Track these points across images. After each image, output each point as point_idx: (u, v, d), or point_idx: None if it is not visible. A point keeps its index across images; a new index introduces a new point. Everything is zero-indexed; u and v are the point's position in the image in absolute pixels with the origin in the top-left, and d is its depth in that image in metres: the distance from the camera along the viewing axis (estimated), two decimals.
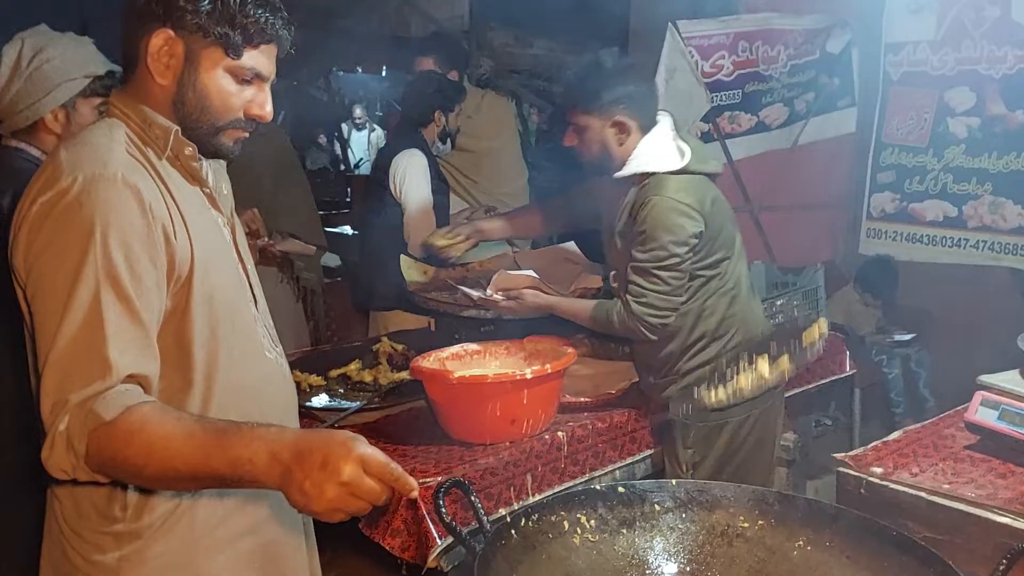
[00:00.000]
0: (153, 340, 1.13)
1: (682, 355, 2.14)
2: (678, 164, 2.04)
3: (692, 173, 2.06)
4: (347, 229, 4.96)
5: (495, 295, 2.29)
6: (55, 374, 1.06)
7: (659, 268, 2.01)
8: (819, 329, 1.64)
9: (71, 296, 1.07)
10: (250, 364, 1.28)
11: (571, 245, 2.76)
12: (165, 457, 1.05)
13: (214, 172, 1.31)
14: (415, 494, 1.09)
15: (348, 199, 6.11)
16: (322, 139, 8.50)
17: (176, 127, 1.21)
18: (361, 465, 1.02)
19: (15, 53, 1.81)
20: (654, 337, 2.06)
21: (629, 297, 2.03)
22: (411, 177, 3.01)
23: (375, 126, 8.36)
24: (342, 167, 7.61)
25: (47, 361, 1.07)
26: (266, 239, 2.85)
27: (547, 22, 4.48)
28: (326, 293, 3.60)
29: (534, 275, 2.39)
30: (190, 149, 1.22)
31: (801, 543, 1.33)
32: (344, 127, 7.47)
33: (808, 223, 3.98)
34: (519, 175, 3.90)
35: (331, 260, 4.27)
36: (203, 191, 1.27)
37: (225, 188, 1.35)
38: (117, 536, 1.20)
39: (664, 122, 2.12)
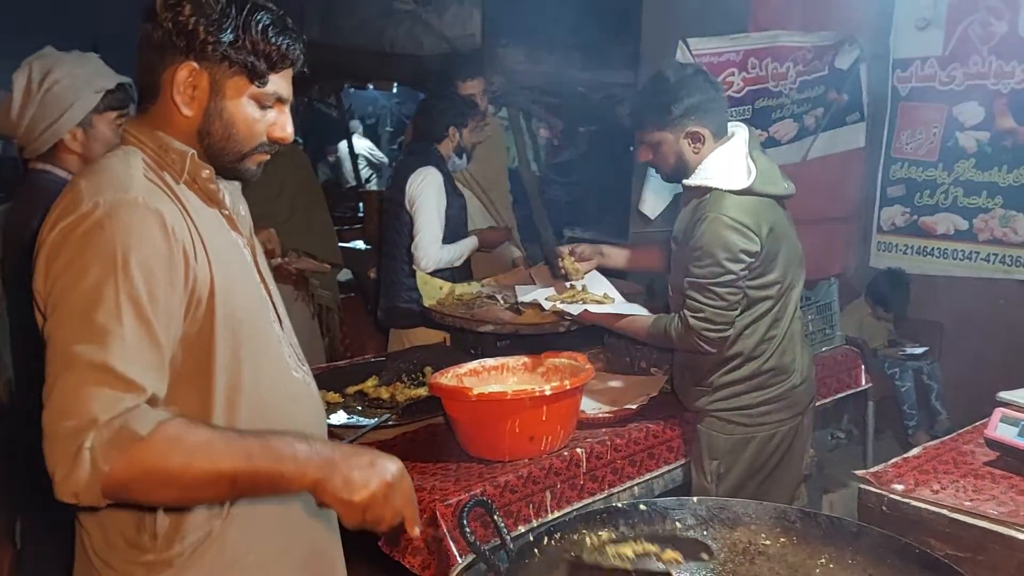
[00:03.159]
0: (167, 363, 1.12)
1: (717, 368, 2.14)
2: (742, 184, 2.04)
3: (757, 195, 2.05)
4: (359, 244, 4.98)
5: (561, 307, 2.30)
6: (74, 394, 1.03)
7: (715, 284, 2.02)
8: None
9: (91, 316, 1.06)
10: (275, 384, 1.27)
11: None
12: (207, 464, 1.06)
13: (231, 194, 1.31)
14: (417, 532, 1.18)
15: (360, 214, 6.14)
16: (332, 154, 8.54)
17: (192, 150, 1.21)
18: (402, 478, 1.14)
19: (24, 79, 1.83)
20: (712, 350, 2.06)
21: (687, 312, 2.04)
22: (425, 195, 3.02)
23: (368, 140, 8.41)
24: (353, 182, 7.64)
25: (61, 381, 1.04)
26: (281, 258, 2.87)
27: (558, 40, 4.50)
28: (340, 309, 3.61)
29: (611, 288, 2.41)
30: (207, 172, 1.22)
31: (823, 561, 1.32)
32: (356, 142, 7.51)
33: (819, 237, 3.97)
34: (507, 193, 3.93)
35: (343, 275, 4.29)
36: (221, 213, 1.26)
37: (243, 209, 1.34)
38: (148, 566, 1.19)
39: (739, 135, 2.12)
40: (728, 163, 2.07)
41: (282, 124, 1.25)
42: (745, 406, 2.13)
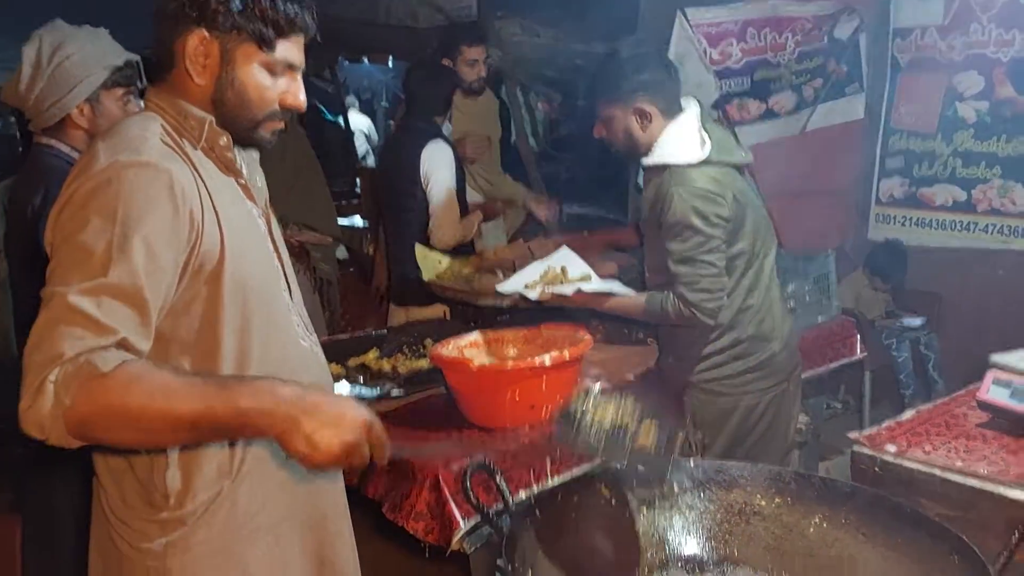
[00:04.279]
0: (152, 322, 1.13)
1: (698, 340, 2.18)
2: (698, 156, 2.07)
3: (714, 164, 2.09)
4: (357, 220, 4.99)
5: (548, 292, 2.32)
6: (50, 330, 1.06)
7: (703, 253, 2.05)
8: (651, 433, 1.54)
9: (81, 262, 1.09)
10: (285, 352, 1.30)
11: (584, 235, 2.78)
12: (165, 405, 1.06)
13: (248, 164, 1.34)
14: (385, 461, 1.19)
15: (357, 190, 6.14)
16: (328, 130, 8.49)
17: (210, 117, 1.23)
18: (368, 430, 1.12)
19: (34, 52, 1.83)
20: (712, 322, 2.09)
21: (682, 288, 2.06)
22: (441, 169, 3.01)
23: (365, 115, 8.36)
24: (349, 157, 7.61)
25: (40, 318, 1.07)
26: (283, 230, 2.88)
27: (555, 11, 4.48)
28: (340, 283, 3.63)
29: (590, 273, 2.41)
30: (224, 139, 1.25)
31: (817, 520, 1.37)
32: (352, 118, 7.48)
33: (817, 209, 3.99)
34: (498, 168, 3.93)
35: (339, 252, 4.30)
36: (237, 182, 1.29)
37: (260, 180, 1.37)
38: (162, 524, 1.23)
39: (690, 110, 2.14)
40: (682, 138, 2.10)
41: (294, 92, 1.27)
42: (727, 375, 2.17)
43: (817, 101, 3.98)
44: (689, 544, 1.43)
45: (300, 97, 1.28)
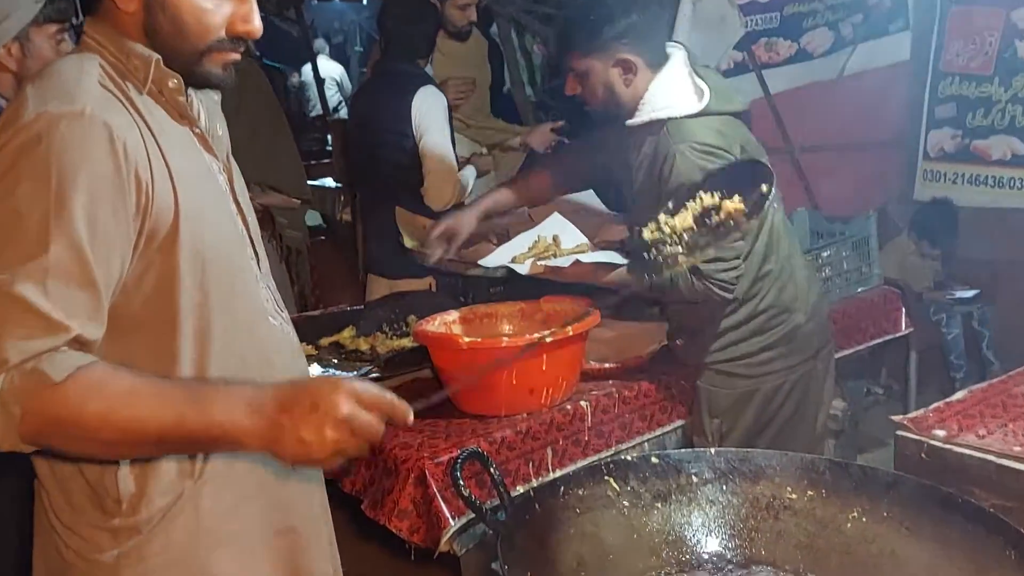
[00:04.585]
0: (104, 303, 1.11)
1: (711, 317, 2.18)
2: (696, 106, 2.04)
3: (714, 114, 2.07)
4: (329, 182, 4.97)
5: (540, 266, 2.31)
6: None
7: None
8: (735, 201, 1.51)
9: (15, 240, 1.05)
10: (252, 332, 1.27)
11: (589, 195, 2.78)
12: (129, 417, 1.06)
13: (207, 111, 1.31)
14: (411, 418, 1.15)
15: (328, 147, 6.11)
16: (294, 78, 8.45)
17: (157, 56, 1.19)
18: (355, 398, 1.08)
19: None
20: (730, 296, 2.07)
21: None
22: (436, 120, 3.01)
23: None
24: (320, 110, 7.58)
25: None
26: None
27: None
28: (310, 253, 3.63)
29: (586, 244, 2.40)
30: (175, 81, 1.21)
31: (855, 514, 1.38)
32: (322, 65, 7.43)
33: (856, 165, 3.99)
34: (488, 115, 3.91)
35: (311, 218, 4.29)
36: (193, 131, 1.26)
37: (220, 129, 1.33)
38: (114, 532, 1.20)
39: (676, 57, 2.11)
40: (674, 88, 2.07)
41: (244, 15, 1.20)
42: (745, 355, 2.18)
43: (857, 40, 3.96)
44: (710, 542, 1.45)
45: (253, 21, 1.22)
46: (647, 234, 1.37)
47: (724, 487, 1.49)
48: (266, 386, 1.11)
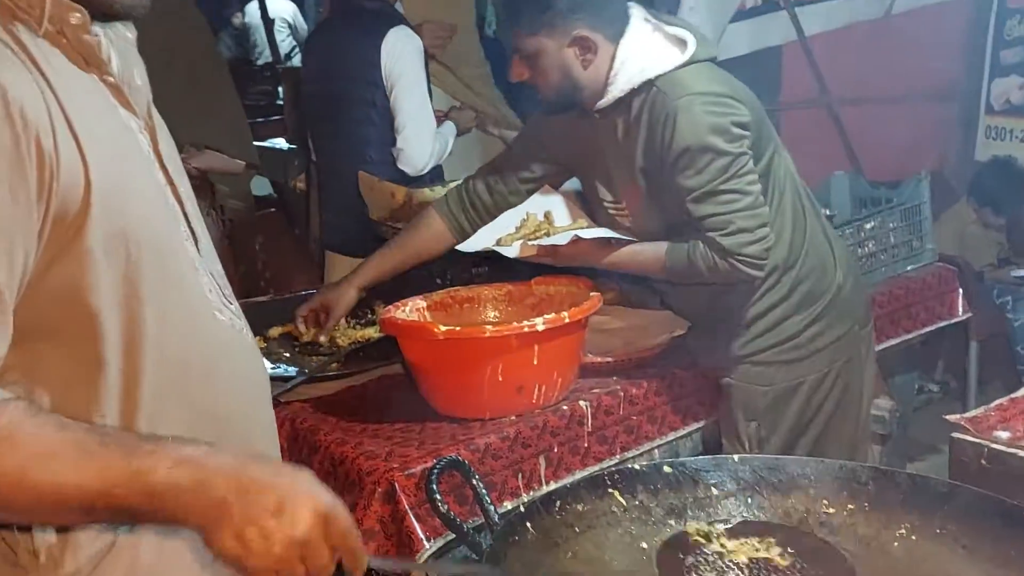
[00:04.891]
0: (9, 308, 1.06)
1: (748, 296, 2.19)
2: (681, 57, 2.06)
3: (704, 61, 2.08)
4: (280, 143, 4.96)
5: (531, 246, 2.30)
6: None
7: (729, 180, 2.03)
8: None
9: None
10: (197, 332, 1.22)
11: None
12: (46, 483, 1.02)
13: (120, 54, 1.26)
14: (360, 574, 1.11)
15: (279, 102, 6.09)
16: (237, 18, 8.40)
17: None
18: (323, 523, 1.05)
19: None
20: (759, 272, 2.09)
21: (712, 234, 2.05)
22: (411, 68, 3.02)
23: None
24: (269, 58, 7.55)
25: None
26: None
27: None
28: (258, 227, 3.63)
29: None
30: (78, 16, 1.14)
31: (904, 531, 1.39)
32: (271, 3, 7.39)
33: (906, 120, 4.00)
34: (480, 60, 3.90)
35: (258, 186, 4.28)
36: (104, 81, 1.20)
37: (139, 76, 1.28)
38: None
39: (636, 14, 2.11)
40: (647, 46, 2.07)
41: None
42: (792, 336, 2.19)
43: None
44: (732, 566, 1.45)
45: None
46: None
47: (749, 500, 1.49)
48: (224, 453, 1.07)
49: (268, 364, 2.29)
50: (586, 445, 2.10)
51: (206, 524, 1.03)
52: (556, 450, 2.05)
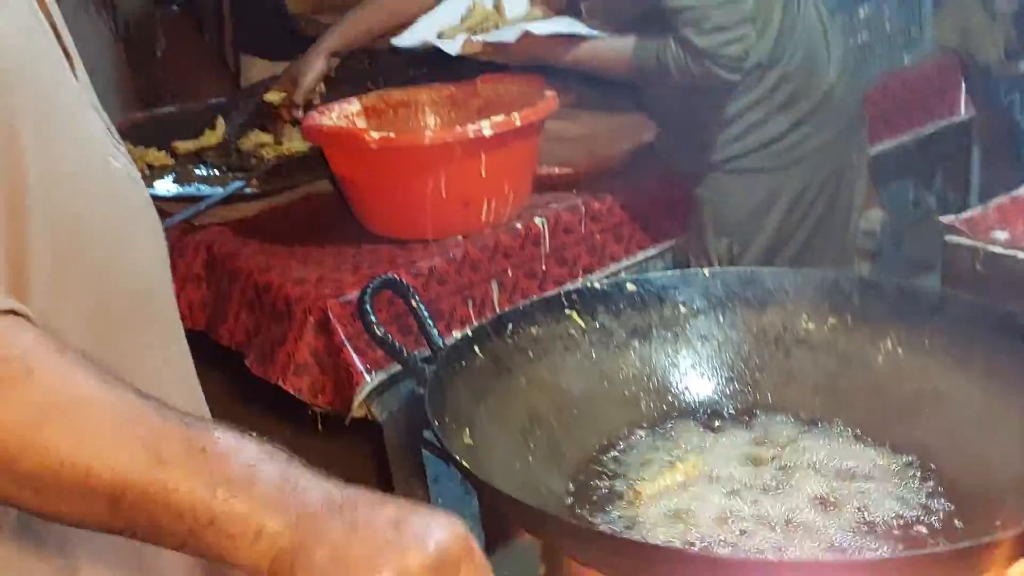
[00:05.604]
0: None
1: (723, 95, 2.17)
2: None
3: None
4: None
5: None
6: None
7: None
8: None
9: None
10: (91, 183, 1.13)
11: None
12: (67, 448, 0.83)
13: None
14: None
15: None
16: None
17: None
18: (468, 551, 0.86)
19: None
20: (737, 77, 2.08)
21: (687, 31, 2.03)
22: None
23: None
24: None
25: None
26: None
27: None
28: (158, 30, 3.56)
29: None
30: None
31: (889, 346, 1.42)
32: None
33: None
34: None
35: None
36: None
37: None
38: None
39: None
40: None
41: None
42: (773, 139, 2.19)
43: None
44: (702, 388, 1.49)
45: None
46: None
47: (721, 318, 1.52)
48: (345, 487, 0.86)
49: (174, 184, 2.32)
50: (544, 268, 2.12)
51: (282, 546, 0.82)
52: (510, 274, 2.07)
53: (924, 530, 1.19)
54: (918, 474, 1.29)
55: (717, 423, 1.45)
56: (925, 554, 1.02)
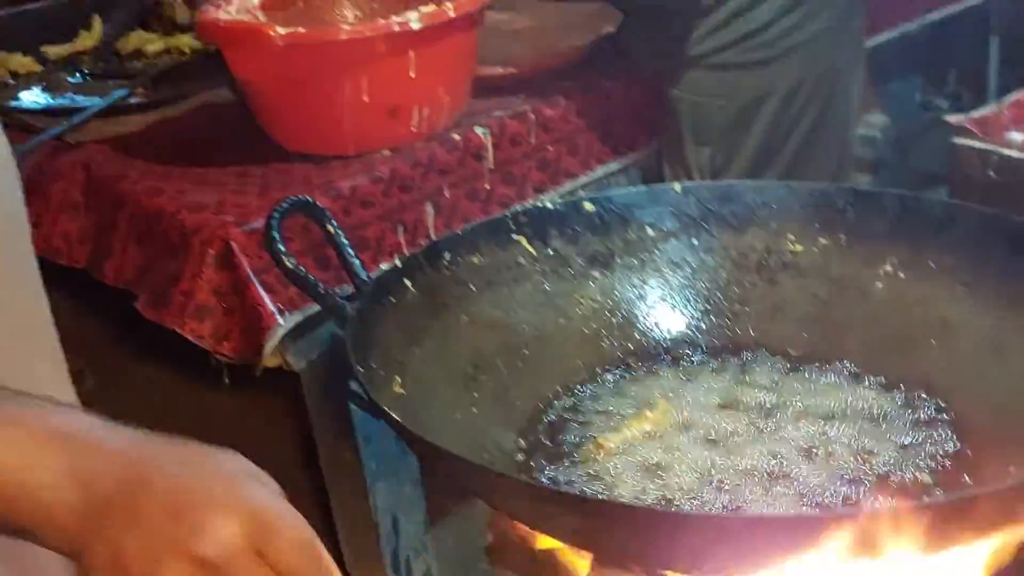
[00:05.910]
0: None
1: None
2: None
3: None
4: None
5: None
6: None
7: None
8: None
9: None
10: None
11: None
12: None
13: None
14: None
15: None
16: None
17: None
18: (254, 533, 0.85)
19: None
20: None
21: None
22: None
23: None
24: None
25: None
26: None
27: None
28: None
29: None
30: None
31: (889, 269, 1.46)
32: None
33: None
34: None
35: None
36: None
37: None
38: None
39: None
40: None
41: None
42: (760, 28, 2.19)
43: None
44: (673, 322, 1.52)
45: None
46: None
47: (695, 241, 1.54)
48: (106, 424, 0.90)
49: (43, 94, 2.30)
50: (487, 187, 2.12)
51: (74, 534, 0.86)
52: (448, 194, 2.06)
53: (928, 478, 1.22)
54: (922, 415, 1.33)
55: (691, 363, 1.47)
56: (927, 504, 1.04)
